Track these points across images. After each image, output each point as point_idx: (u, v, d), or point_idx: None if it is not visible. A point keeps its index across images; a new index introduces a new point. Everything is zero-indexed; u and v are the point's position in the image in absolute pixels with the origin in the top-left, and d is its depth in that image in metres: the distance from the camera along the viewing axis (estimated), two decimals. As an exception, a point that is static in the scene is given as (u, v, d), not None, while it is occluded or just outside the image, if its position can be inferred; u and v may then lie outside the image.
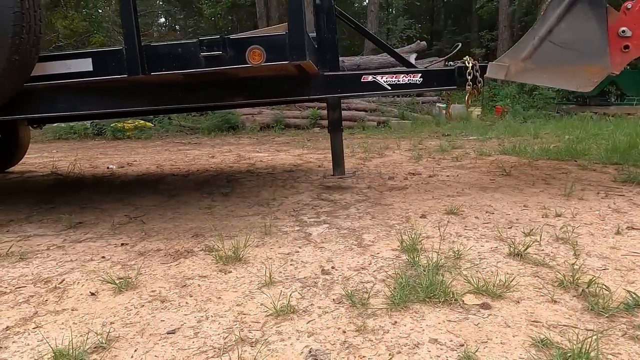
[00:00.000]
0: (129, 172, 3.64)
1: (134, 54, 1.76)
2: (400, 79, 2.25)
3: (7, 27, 1.55)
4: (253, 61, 1.74)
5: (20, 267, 1.47)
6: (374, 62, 10.30)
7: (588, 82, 2.00)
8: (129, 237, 1.77)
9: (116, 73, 1.80)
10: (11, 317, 1.12)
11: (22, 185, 3.21)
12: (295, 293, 1.20)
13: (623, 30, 1.97)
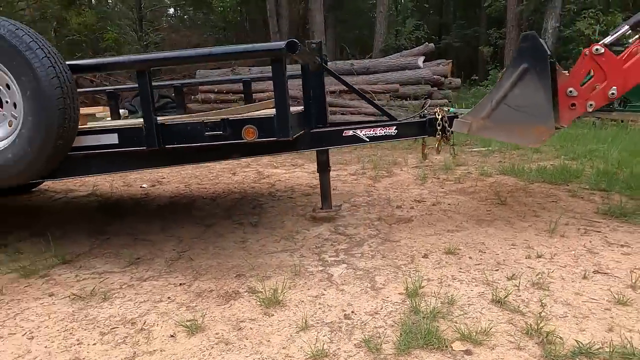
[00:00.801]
0: (161, 192, 4.03)
1: (151, 131, 2.17)
2: (378, 131, 2.64)
3: (54, 121, 1.95)
4: (248, 137, 2.16)
5: (106, 307, 1.87)
6: (382, 64, 10.58)
7: (537, 140, 2.46)
8: (184, 275, 2.16)
9: (137, 146, 2.21)
10: (118, 356, 1.52)
11: (69, 208, 3.63)
12: (325, 337, 1.58)
13: (570, 90, 2.39)
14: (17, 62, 1.93)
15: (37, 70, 1.92)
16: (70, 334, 1.67)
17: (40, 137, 1.98)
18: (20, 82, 1.96)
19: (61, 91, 1.96)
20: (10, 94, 2.03)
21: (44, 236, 2.78)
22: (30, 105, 1.96)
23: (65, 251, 2.50)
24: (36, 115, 1.96)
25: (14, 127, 2.04)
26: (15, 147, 2.01)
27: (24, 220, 3.23)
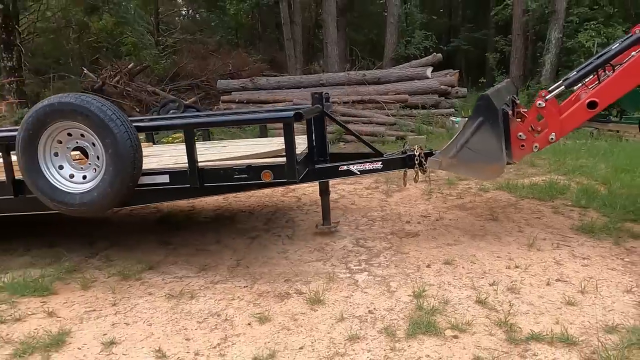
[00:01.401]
0: (204, 205, 4.74)
1: (194, 174, 2.87)
2: (367, 166, 3.31)
3: (127, 170, 2.69)
4: (265, 179, 2.87)
5: (195, 303, 2.57)
6: (393, 75, 11.22)
7: (492, 175, 3.38)
8: (245, 280, 2.86)
9: (183, 184, 2.91)
10: (213, 339, 2.22)
11: (133, 220, 4.35)
12: (356, 326, 2.27)
13: (520, 134, 3.10)
14: (103, 129, 2.65)
15: (117, 135, 2.65)
16: (176, 322, 2.38)
17: (117, 181, 2.70)
18: (104, 143, 2.68)
19: (132, 149, 2.70)
20: (95, 150, 2.76)
21: (123, 245, 3.50)
22: (111, 159, 2.68)
23: (148, 258, 3.21)
24: (115, 166, 2.68)
25: (98, 173, 2.77)
26: (99, 188, 2.74)
27: (100, 231, 3.95)
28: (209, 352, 2.10)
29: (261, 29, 26.65)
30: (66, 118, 2.71)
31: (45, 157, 2.80)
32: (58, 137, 2.80)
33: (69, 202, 2.77)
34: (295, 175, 2.85)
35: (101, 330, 2.33)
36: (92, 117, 2.64)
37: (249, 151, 3.53)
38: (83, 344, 2.21)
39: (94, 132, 2.69)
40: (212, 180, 2.91)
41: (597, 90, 2.96)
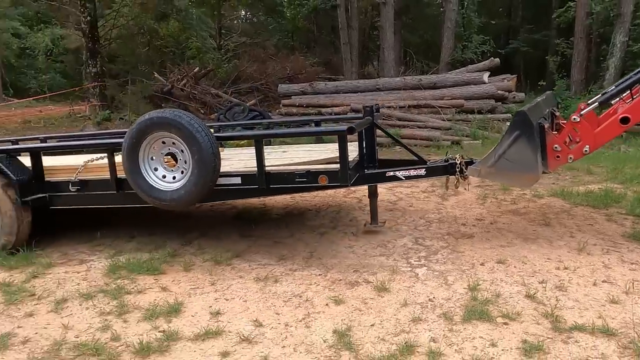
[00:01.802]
0: (274, 203, 5.26)
1: (262, 177, 3.37)
2: (411, 172, 3.65)
3: (210, 173, 3.23)
4: (322, 183, 3.32)
5: (279, 286, 3.06)
6: (449, 80, 11.40)
7: (528, 184, 3.73)
8: (319, 269, 3.32)
9: (253, 185, 3.42)
10: (298, 314, 2.68)
11: (214, 215, 4.93)
12: (418, 310, 2.67)
13: (555, 146, 3.38)
14: (191, 139, 3.20)
15: (202, 144, 3.18)
16: (266, 300, 2.87)
17: (200, 182, 3.24)
18: (191, 150, 3.22)
19: (213, 155, 3.23)
20: (183, 156, 3.31)
21: (210, 236, 4.06)
22: (196, 164, 3.22)
23: (234, 248, 3.74)
24: (199, 169, 3.22)
25: (185, 175, 3.31)
26: (185, 187, 3.29)
27: (188, 223, 4.54)
28: (296, 324, 2.57)
29: (317, 32, 27.27)
30: (162, 129, 3.29)
31: (145, 160, 3.39)
32: (155, 144, 3.38)
33: (161, 197, 3.35)
34: (347, 180, 3.33)
35: (207, 303, 2.85)
36: (183, 129, 3.21)
37: (306, 157, 4.04)
38: (195, 313, 2.74)
39: (183, 141, 3.25)
40: (277, 182, 3.42)
41: (630, 106, 3.20)
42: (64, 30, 29.17)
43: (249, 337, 2.45)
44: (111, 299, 2.93)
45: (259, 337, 2.45)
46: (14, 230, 3.70)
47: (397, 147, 9.36)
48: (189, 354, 2.32)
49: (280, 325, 2.57)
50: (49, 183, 3.86)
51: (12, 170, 3.75)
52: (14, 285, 3.15)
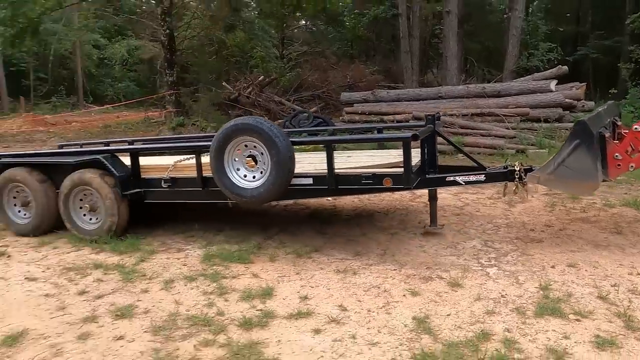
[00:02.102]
0: (343, 204, 5.56)
1: (332, 178, 3.67)
2: (471, 177, 3.80)
3: (286, 174, 3.57)
4: (386, 185, 3.59)
5: (357, 278, 3.34)
6: (514, 88, 11.27)
7: (587, 192, 4.03)
8: (392, 265, 3.57)
9: (323, 185, 3.73)
10: (379, 302, 2.95)
11: (289, 214, 5.30)
12: (491, 305, 2.86)
13: (616, 155, 3.44)
14: (270, 143, 3.56)
15: (280, 148, 3.54)
16: (347, 289, 3.16)
17: (277, 181, 3.60)
18: (270, 153, 3.58)
19: (289, 158, 3.59)
20: (263, 158, 3.67)
21: (288, 232, 4.42)
22: (274, 165, 3.58)
23: (312, 243, 4.07)
24: (277, 170, 3.58)
25: (264, 174, 3.67)
26: (264, 185, 3.65)
27: (265, 221, 4.94)
28: (377, 311, 2.84)
29: (376, 41, 27.51)
30: (245, 134, 3.69)
31: (229, 161, 3.78)
32: (238, 147, 3.77)
33: (242, 194, 3.74)
34: (410, 182, 3.59)
35: (295, 289, 3.19)
36: (264, 134, 3.59)
37: (369, 162, 4.30)
38: (285, 296, 3.08)
39: (264, 145, 3.63)
40: (345, 183, 3.74)
41: None
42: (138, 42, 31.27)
43: (336, 318, 2.75)
44: (210, 281, 3.33)
45: (345, 319, 2.75)
46: (116, 219, 4.24)
47: (459, 155, 9.41)
48: (285, 329, 2.65)
49: (363, 311, 2.85)
50: (144, 180, 4.39)
51: (116, 168, 4.32)
52: (127, 267, 3.64)
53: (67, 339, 2.60)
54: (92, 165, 4.38)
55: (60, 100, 27.06)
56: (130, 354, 2.45)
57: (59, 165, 4.60)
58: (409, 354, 2.37)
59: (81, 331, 2.69)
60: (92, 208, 4.38)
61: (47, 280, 3.44)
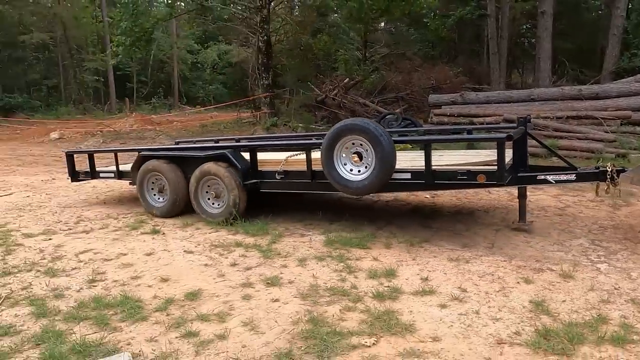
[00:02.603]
0: (441, 202, 5.87)
1: (429, 174, 4.05)
2: (562, 177, 4.00)
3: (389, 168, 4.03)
4: (480, 181, 3.90)
5: (471, 265, 3.67)
6: (614, 90, 10.85)
7: None
8: (502, 257, 3.86)
9: (420, 180, 4.14)
10: (494, 287, 3.27)
11: (391, 209, 5.71)
12: (605, 295, 3.07)
13: None
14: (376, 141, 4.00)
15: (384, 146, 3.98)
16: (462, 274, 3.50)
17: (381, 176, 4.04)
18: (375, 150, 4.02)
19: (392, 155, 4.01)
20: (367, 154, 4.12)
21: (396, 224, 4.82)
22: (378, 161, 4.02)
23: (420, 235, 4.45)
24: (380, 165, 4.01)
25: (368, 169, 4.12)
26: (368, 179, 4.10)
27: (375, 214, 5.38)
28: (495, 294, 3.17)
29: (459, 41, 27.06)
30: (353, 133, 4.17)
31: (338, 157, 4.27)
32: (346, 144, 4.25)
33: (348, 186, 4.23)
34: (504, 179, 3.88)
35: (414, 272, 3.60)
36: (370, 134, 4.05)
37: (462, 160, 4.61)
38: (407, 277, 3.49)
39: (369, 143, 4.08)
40: (441, 178, 4.11)
41: None
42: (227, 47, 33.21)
43: (458, 297, 3.12)
44: (338, 262, 3.83)
45: (467, 299, 3.11)
46: (237, 203, 4.95)
47: (554, 158, 9.28)
48: (414, 303, 3.07)
49: (481, 293, 3.19)
50: (260, 172, 5.02)
51: (238, 162, 5.02)
52: (263, 247, 4.25)
53: (234, 299, 3.21)
54: (219, 158, 5.12)
55: (158, 102, 29.51)
56: (288, 312, 2.99)
57: (191, 158, 5.41)
58: (531, 329, 2.68)
59: (243, 293, 3.29)
60: (217, 195, 5.15)
61: (201, 254, 4.13)
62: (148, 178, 5.63)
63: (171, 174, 5.39)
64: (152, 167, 5.55)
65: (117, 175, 6.11)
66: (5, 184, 8.28)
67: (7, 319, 2.98)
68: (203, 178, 5.17)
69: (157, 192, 5.63)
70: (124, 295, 3.26)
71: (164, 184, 5.49)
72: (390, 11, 15.80)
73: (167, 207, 5.45)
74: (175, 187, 5.36)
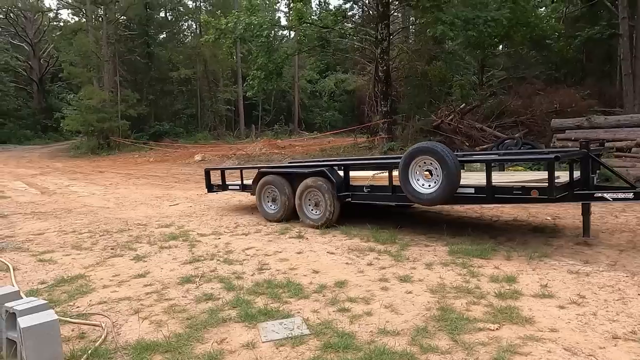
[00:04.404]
0: (564, 224, 6.01)
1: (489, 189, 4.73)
2: (619, 195, 4.36)
3: (454, 184, 4.71)
4: (533, 195, 4.41)
5: (591, 278, 3.94)
6: None
7: None
8: (624, 273, 4.04)
9: (482, 194, 4.76)
10: (613, 297, 3.53)
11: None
12: None
13: None
14: (442, 161, 4.70)
15: (449, 165, 4.65)
16: (582, 285, 3.80)
17: (447, 189, 4.73)
18: (442, 167, 4.69)
19: (457, 172, 4.67)
20: (436, 172, 4.80)
21: (514, 241, 5.16)
22: (445, 177, 4.68)
23: (539, 250, 4.75)
24: (447, 181, 4.68)
25: (436, 183, 4.79)
26: (437, 191, 4.80)
27: (491, 231, 5.76)
28: (614, 302, 3.44)
29: (586, 62, 25.49)
30: (424, 154, 4.95)
31: (412, 173, 5.06)
32: (419, 163, 5.02)
33: (421, 198, 5.02)
34: (553, 194, 4.37)
35: (534, 279, 3.97)
36: (437, 155, 4.80)
37: (525, 178, 5.27)
38: (527, 283, 3.89)
39: (437, 162, 4.81)
40: (499, 193, 4.79)
41: None
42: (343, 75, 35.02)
43: (576, 301, 3.47)
44: (461, 268, 4.35)
45: (585, 304, 3.44)
46: (332, 211, 6.03)
47: None
48: (533, 303, 3.48)
49: (600, 300, 3.50)
50: (352, 186, 6.04)
51: (334, 177, 6.07)
52: (393, 252, 4.91)
53: (374, 289, 3.91)
54: (318, 174, 6.22)
55: (280, 128, 32.03)
56: (421, 301, 3.60)
57: (297, 173, 6.60)
58: (647, 330, 2.97)
59: (381, 285, 3.97)
60: (316, 204, 6.26)
61: (342, 255, 4.92)
62: (264, 190, 6.92)
63: (282, 186, 6.61)
64: (267, 181, 6.84)
65: (242, 187, 7.69)
66: (170, 196, 10.06)
67: (207, 290, 4.01)
68: (306, 190, 6.30)
69: (271, 200, 6.89)
70: (287, 280, 4.14)
71: (276, 195, 6.71)
72: (510, 36, 15.77)
73: (279, 213, 6.68)
74: (285, 197, 6.55)
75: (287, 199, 6.54)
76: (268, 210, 6.88)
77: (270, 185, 6.79)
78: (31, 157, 25.68)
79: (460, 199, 5.07)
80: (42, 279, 4.47)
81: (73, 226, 7.04)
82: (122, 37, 31.72)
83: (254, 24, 14.66)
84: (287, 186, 6.59)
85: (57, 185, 13.32)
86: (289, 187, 6.58)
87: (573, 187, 4.85)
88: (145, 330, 3.26)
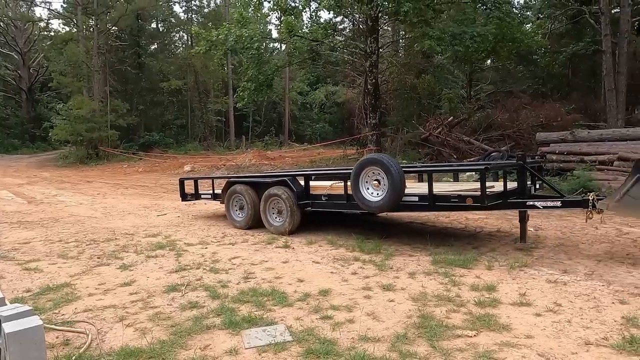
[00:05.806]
0: (545, 235, 6.14)
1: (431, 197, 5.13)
2: (548, 203, 4.82)
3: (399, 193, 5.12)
4: (468, 203, 4.80)
5: (568, 287, 4.05)
6: None
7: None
8: (601, 282, 4.16)
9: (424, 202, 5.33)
10: (588, 305, 3.64)
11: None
12: (700, 318, 3.32)
13: None
14: (388, 171, 5.01)
15: (394, 174, 5.01)
16: (559, 293, 3.91)
17: (393, 198, 5.04)
18: (388, 177, 4.99)
19: (401, 182, 4.98)
20: (383, 181, 5.08)
21: (498, 252, 5.27)
22: (391, 186, 4.98)
23: (521, 260, 4.86)
24: (392, 190, 5.00)
25: (383, 192, 5.10)
26: (383, 200, 5.13)
27: (475, 242, 5.86)
28: (589, 310, 3.54)
29: (572, 77, 26.03)
30: (372, 165, 5.30)
31: (363, 183, 5.40)
32: (368, 173, 5.35)
33: (369, 205, 5.36)
34: (485, 202, 4.76)
35: (513, 288, 4.07)
36: (383, 165, 5.16)
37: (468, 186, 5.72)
38: (506, 292, 3.98)
39: (384, 172, 5.13)
40: (440, 201, 5.14)
41: None
42: (334, 88, 35.31)
43: (553, 309, 3.57)
44: (443, 277, 4.44)
45: (560, 311, 3.54)
46: (293, 220, 6.31)
47: None
48: (511, 311, 3.57)
49: (575, 307, 3.60)
50: (312, 195, 6.33)
51: (294, 186, 6.35)
52: (377, 262, 4.99)
53: (357, 297, 3.98)
54: (281, 183, 6.49)
55: (270, 139, 32.13)
56: (402, 309, 3.68)
57: (262, 182, 6.89)
58: (619, 336, 3.07)
59: (364, 294, 4.05)
60: (279, 211, 6.54)
61: (326, 264, 4.99)
62: (233, 198, 7.18)
63: (248, 195, 6.87)
64: (235, 190, 7.10)
65: (213, 196, 7.94)
66: (159, 206, 10.06)
67: (192, 298, 4.05)
68: (270, 198, 6.56)
69: (239, 208, 7.14)
70: (272, 289, 4.19)
71: (244, 203, 6.97)
72: (497, 51, 16.09)
73: (246, 220, 6.95)
74: (251, 204, 6.81)
75: (253, 207, 6.80)
76: (236, 218, 7.17)
77: (238, 194, 7.05)
78: (18, 166, 25.48)
79: (406, 206, 5.43)
80: (28, 287, 4.47)
81: (60, 235, 7.03)
82: (113, 48, 31.79)
83: (244, 36, 14.83)
84: (253, 195, 6.87)
85: (45, 194, 13.25)
86: (255, 195, 6.85)
87: (507, 195, 5.21)
88: (129, 337, 3.29)
